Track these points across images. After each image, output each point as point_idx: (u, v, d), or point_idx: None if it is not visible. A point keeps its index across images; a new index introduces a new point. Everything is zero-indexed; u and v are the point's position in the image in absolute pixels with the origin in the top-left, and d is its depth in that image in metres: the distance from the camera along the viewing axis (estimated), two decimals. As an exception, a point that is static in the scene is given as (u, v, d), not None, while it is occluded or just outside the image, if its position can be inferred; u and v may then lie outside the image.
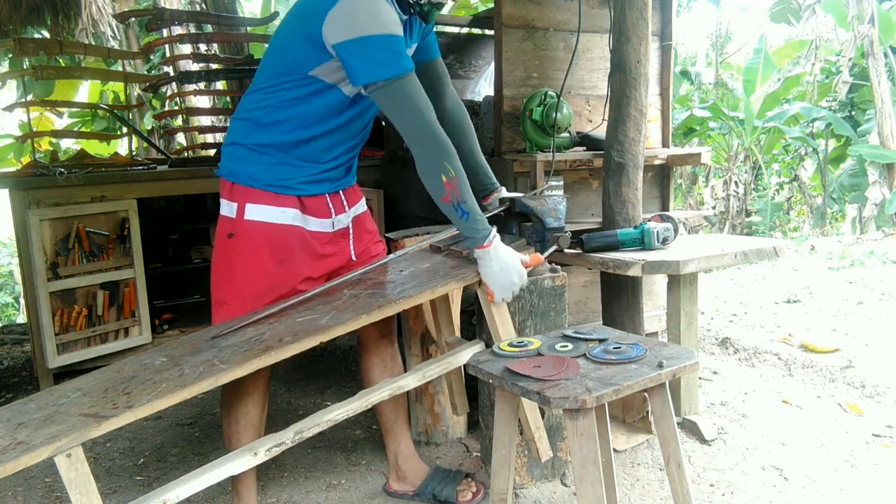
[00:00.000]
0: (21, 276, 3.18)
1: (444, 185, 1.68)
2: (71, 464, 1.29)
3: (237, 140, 1.82)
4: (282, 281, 1.80)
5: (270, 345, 1.53)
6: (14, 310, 9.05)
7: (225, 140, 1.88)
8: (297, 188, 1.80)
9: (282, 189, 1.78)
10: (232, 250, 1.80)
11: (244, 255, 1.78)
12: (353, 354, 3.57)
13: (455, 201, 1.69)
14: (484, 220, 1.74)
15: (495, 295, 1.77)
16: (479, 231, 1.72)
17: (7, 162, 8.94)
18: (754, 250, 2.23)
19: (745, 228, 9.77)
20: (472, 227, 1.72)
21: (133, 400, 1.38)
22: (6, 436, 1.33)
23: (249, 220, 1.77)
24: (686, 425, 2.46)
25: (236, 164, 1.80)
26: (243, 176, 1.78)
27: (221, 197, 1.84)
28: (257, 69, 1.84)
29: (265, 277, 1.78)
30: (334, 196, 1.89)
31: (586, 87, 2.82)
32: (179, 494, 1.46)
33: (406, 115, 1.67)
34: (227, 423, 1.86)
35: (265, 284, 1.78)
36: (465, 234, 1.75)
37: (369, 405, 1.75)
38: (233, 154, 1.82)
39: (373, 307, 1.65)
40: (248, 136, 1.79)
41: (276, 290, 1.79)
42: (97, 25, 6.05)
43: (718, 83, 10.75)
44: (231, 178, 1.80)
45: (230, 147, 1.83)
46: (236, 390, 1.81)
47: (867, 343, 3.31)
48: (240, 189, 1.79)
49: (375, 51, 1.60)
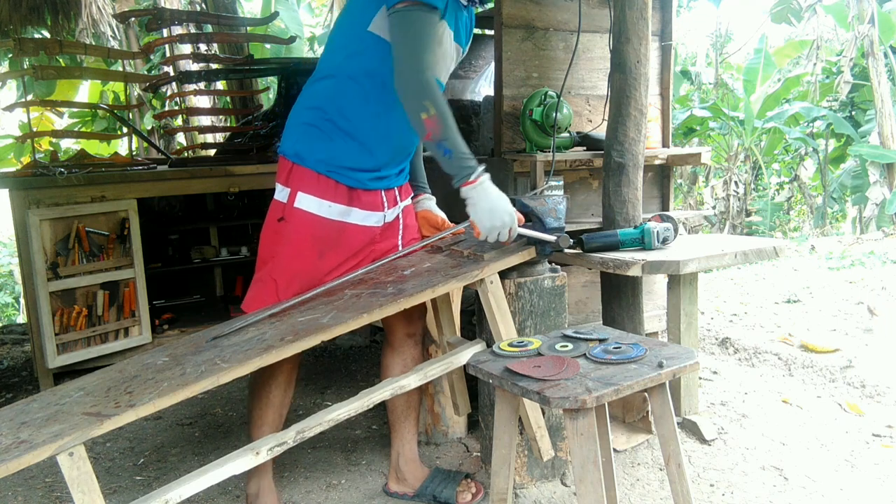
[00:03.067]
0: (21, 276, 3.18)
1: (423, 122, 1.66)
2: (73, 462, 1.30)
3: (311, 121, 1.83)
4: (317, 272, 1.84)
5: (272, 344, 1.54)
6: (14, 310, 9.06)
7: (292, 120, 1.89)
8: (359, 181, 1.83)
9: (343, 178, 1.80)
10: (278, 233, 1.84)
11: (289, 240, 1.82)
12: (353, 354, 3.58)
13: (436, 139, 1.66)
14: (471, 159, 1.70)
15: (481, 232, 1.74)
16: (464, 168, 1.68)
17: (7, 162, 8.95)
18: (754, 250, 2.23)
19: (746, 228, 9.78)
20: (457, 165, 1.68)
21: (135, 399, 1.39)
22: (9, 435, 1.34)
23: (298, 209, 1.81)
24: (686, 425, 2.46)
25: (304, 145, 1.82)
26: (311, 159, 1.80)
27: (277, 181, 1.87)
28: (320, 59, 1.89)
29: (303, 266, 1.83)
30: (389, 191, 1.93)
31: (586, 87, 2.82)
32: (182, 494, 1.47)
33: (405, 45, 1.66)
34: (251, 401, 1.93)
35: (300, 272, 1.83)
36: (450, 173, 1.72)
37: (371, 405, 1.75)
38: (305, 134, 1.83)
39: (374, 306, 1.66)
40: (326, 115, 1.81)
41: (308, 280, 1.83)
42: (97, 25, 6.05)
43: (718, 83, 10.76)
44: (296, 159, 1.82)
45: (302, 127, 1.85)
46: (263, 372, 1.86)
47: (867, 343, 3.31)
48: (298, 173, 1.81)
49: None
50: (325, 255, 1.84)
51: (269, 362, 1.51)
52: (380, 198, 1.90)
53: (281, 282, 1.83)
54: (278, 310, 1.73)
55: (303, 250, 1.82)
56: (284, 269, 1.84)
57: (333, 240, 1.84)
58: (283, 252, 1.84)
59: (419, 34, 1.65)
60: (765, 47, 9.33)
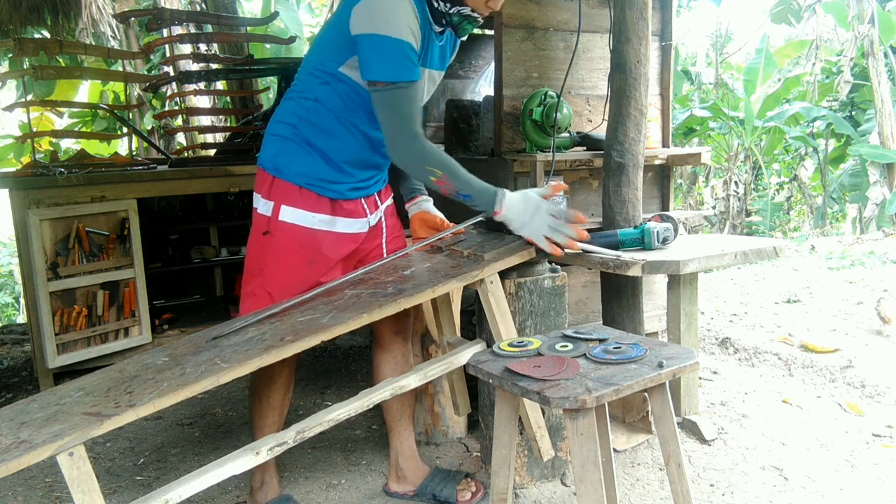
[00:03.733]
0: (21, 276, 3.18)
1: (435, 184, 1.74)
2: (73, 462, 1.30)
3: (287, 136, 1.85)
4: (309, 280, 1.86)
5: (272, 344, 1.54)
6: (14, 310, 9.06)
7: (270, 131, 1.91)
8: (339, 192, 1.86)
9: (323, 190, 1.83)
10: (264, 247, 1.87)
11: (276, 253, 1.84)
12: (353, 354, 3.58)
13: (452, 192, 1.74)
14: (486, 191, 1.75)
15: (536, 244, 1.79)
16: (487, 203, 1.76)
17: (7, 162, 8.95)
18: (754, 250, 2.22)
19: (746, 228, 9.78)
20: (480, 203, 1.76)
21: (135, 399, 1.39)
22: (9, 435, 1.34)
23: (283, 222, 1.83)
24: (686, 425, 2.46)
25: (283, 158, 1.84)
26: (290, 173, 1.82)
27: (257, 192, 1.89)
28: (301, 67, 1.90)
29: (295, 277, 1.85)
30: (369, 198, 1.96)
31: (586, 87, 2.82)
32: (182, 494, 1.47)
33: (394, 122, 1.71)
34: (252, 404, 1.98)
35: (293, 283, 1.85)
36: (478, 210, 1.81)
37: (371, 404, 1.75)
38: (283, 148, 1.85)
39: (374, 306, 1.66)
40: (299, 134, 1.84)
41: (303, 289, 1.84)
42: (97, 25, 6.05)
43: (719, 83, 10.76)
44: (276, 172, 1.84)
45: (280, 140, 1.86)
46: (262, 376, 1.90)
47: (867, 343, 3.31)
48: (279, 187, 1.83)
49: (383, 51, 1.64)
50: (315, 263, 1.86)
51: (269, 362, 1.51)
52: (361, 205, 1.93)
53: (276, 295, 1.84)
54: (278, 310, 1.73)
55: (293, 262, 1.85)
56: (277, 282, 1.86)
57: (321, 248, 1.86)
58: (273, 265, 1.86)
59: (404, 110, 1.69)
60: (766, 47, 9.33)
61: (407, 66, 1.67)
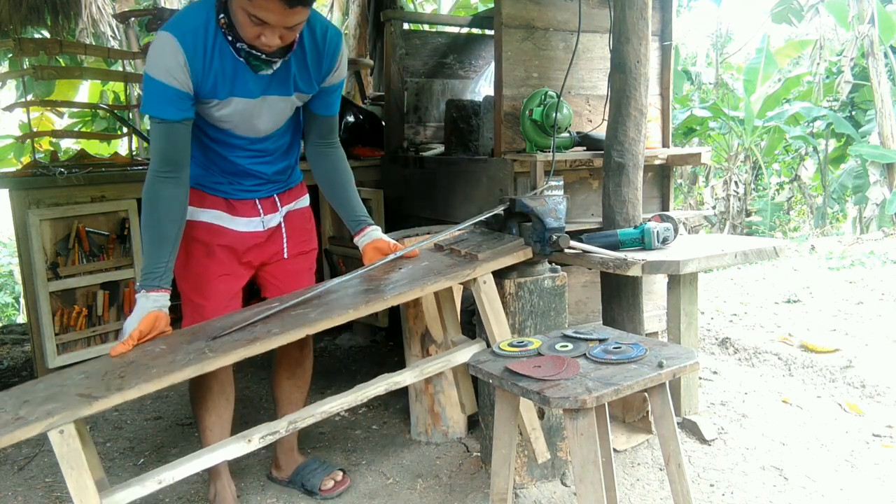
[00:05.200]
0: (21, 276, 3.17)
1: None
2: (63, 440, 1.37)
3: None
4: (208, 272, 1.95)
5: (258, 335, 1.60)
6: (14, 310, 9.06)
7: None
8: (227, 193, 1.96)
9: (212, 191, 1.95)
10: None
11: (183, 255, 1.91)
12: (353, 354, 3.58)
13: None
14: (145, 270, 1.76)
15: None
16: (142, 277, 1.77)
17: (7, 162, 8.94)
18: (754, 250, 2.23)
19: (746, 228, 9.78)
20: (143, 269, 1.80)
21: (125, 383, 1.46)
22: (11, 411, 1.42)
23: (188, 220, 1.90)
24: (686, 425, 2.46)
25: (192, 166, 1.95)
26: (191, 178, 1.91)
27: None
28: None
29: (199, 270, 1.94)
30: (265, 199, 2.02)
31: (586, 87, 2.82)
32: (175, 476, 1.53)
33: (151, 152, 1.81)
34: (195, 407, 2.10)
35: (199, 277, 1.94)
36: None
37: (365, 398, 1.77)
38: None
39: (360, 303, 1.70)
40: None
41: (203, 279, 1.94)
42: (97, 25, 6.05)
43: (719, 83, 10.77)
44: None
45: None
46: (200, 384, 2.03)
47: (867, 343, 3.31)
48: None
49: (146, 88, 1.76)
50: (212, 254, 1.94)
51: (254, 353, 1.55)
52: (255, 206, 1.99)
53: (196, 296, 1.94)
54: (278, 310, 1.74)
55: (190, 252, 1.93)
56: (192, 283, 1.95)
57: (214, 239, 1.94)
58: (183, 269, 1.93)
59: (154, 143, 1.79)
60: (766, 47, 9.33)
61: (159, 105, 1.74)
